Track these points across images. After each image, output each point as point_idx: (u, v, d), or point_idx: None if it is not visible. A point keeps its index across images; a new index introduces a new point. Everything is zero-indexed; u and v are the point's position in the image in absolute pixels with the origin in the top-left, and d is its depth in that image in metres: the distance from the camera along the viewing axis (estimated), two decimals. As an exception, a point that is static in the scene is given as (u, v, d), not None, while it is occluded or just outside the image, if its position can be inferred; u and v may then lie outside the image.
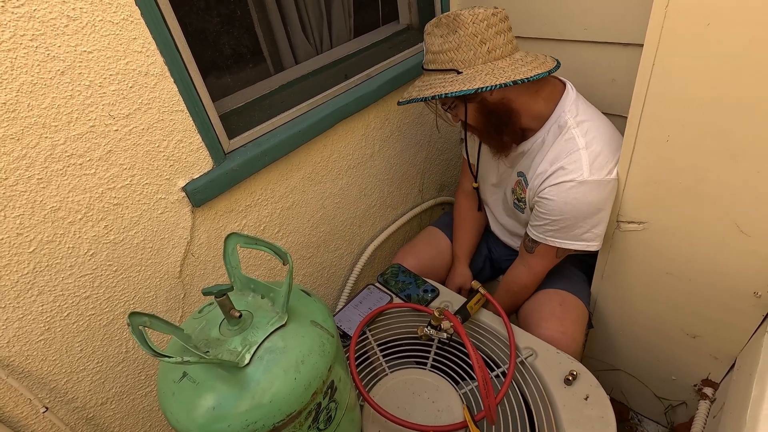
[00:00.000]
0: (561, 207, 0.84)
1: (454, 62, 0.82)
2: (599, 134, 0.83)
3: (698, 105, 0.69)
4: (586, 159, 0.81)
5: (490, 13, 0.80)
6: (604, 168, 0.82)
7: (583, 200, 0.82)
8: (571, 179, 0.81)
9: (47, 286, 0.69)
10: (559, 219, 0.85)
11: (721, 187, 0.74)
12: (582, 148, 0.81)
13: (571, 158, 0.82)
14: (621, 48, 0.95)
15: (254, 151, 0.86)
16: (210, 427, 0.50)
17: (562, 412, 0.76)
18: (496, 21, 0.81)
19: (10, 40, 0.55)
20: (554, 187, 0.84)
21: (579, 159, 0.81)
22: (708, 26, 0.63)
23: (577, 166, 0.81)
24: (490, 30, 0.80)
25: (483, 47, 0.80)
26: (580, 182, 0.81)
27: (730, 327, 0.89)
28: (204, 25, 0.89)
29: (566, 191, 0.82)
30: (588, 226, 0.86)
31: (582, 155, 0.81)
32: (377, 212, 1.26)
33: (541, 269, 0.97)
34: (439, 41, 0.82)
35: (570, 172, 0.81)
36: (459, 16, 0.80)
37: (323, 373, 0.55)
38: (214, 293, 0.51)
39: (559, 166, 0.83)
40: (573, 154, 0.82)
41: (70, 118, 0.63)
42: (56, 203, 0.66)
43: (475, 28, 0.79)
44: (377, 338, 0.92)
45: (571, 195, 0.82)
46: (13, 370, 0.69)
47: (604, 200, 0.84)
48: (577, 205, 0.83)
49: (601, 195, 0.83)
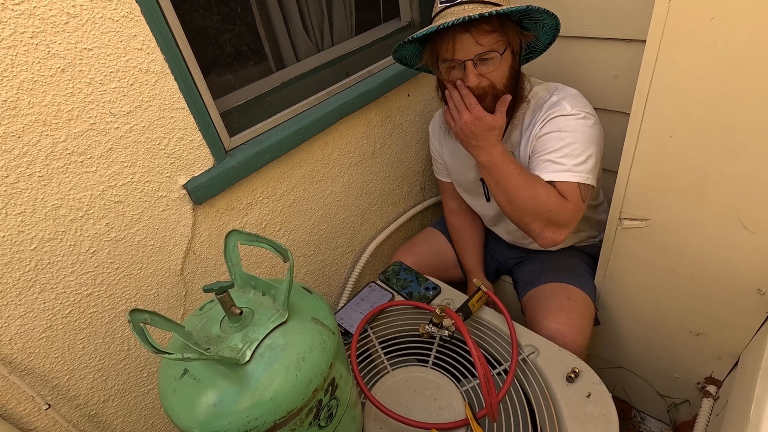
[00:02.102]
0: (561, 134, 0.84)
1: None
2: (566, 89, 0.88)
3: (702, 101, 0.69)
4: (567, 103, 0.85)
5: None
6: (587, 107, 0.85)
7: (577, 130, 0.83)
8: (560, 113, 0.84)
9: (49, 283, 0.69)
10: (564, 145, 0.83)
11: (724, 183, 0.74)
12: (561, 99, 0.85)
13: (553, 103, 0.86)
14: (623, 44, 0.94)
15: (255, 149, 0.86)
16: (211, 423, 0.50)
17: (564, 410, 0.76)
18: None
19: (10, 38, 0.55)
20: (548, 123, 0.86)
21: (560, 103, 0.85)
22: (711, 21, 0.62)
23: (561, 107, 0.85)
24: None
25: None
26: (568, 114, 0.84)
27: (733, 324, 0.88)
28: (205, 23, 0.89)
29: (559, 120, 0.84)
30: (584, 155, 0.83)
31: (562, 101, 0.85)
32: (379, 210, 1.26)
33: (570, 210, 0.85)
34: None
35: (556, 111, 0.85)
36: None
37: (324, 370, 0.54)
38: (214, 290, 0.51)
39: (544, 114, 0.86)
40: (554, 106, 0.86)
41: (70, 116, 0.63)
42: (57, 201, 0.66)
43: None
44: (379, 336, 0.92)
45: (565, 123, 0.84)
46: (15, 368, 0.69)
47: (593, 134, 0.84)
48: (574, 128, 0.83)
49: (589, 123, 0.84)
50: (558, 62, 1.07)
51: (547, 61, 1.08)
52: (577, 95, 0.87)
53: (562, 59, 1.06)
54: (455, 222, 1.17)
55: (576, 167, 0.82)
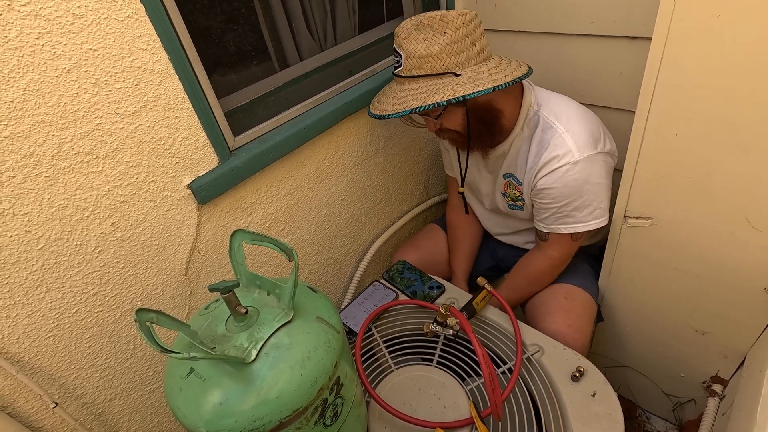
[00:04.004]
0: (562, 191, 0.84)
1: (447, 65, 0.79)
2: (572, 115, 0.85)
3: (708, 98, 0.68)
4: (570, 141, 0.82)
5: (474, 14, 0.80)
6: (590, 144, 0.82)
7: (582, 179, 0.83)
8: (564, 163, 0.82)
9: (56, 283, 0.70)
10: (564, 204, 0.85)
11: (731, 181, 0.73)
12: (563, 133, 0.82)
13: (556, 144, 0.83)
14: (628, 41, 0.94)
15: (259, 148, 0.86)
16: (217, 422, 0.50)
17: (569, 409, 0.76)
18: (478, 22, 0.81)
19: (16, 39, 0.56)
20: (550, 176, 0.84)
21: (563, 143, 0.82)
22: (718, 18, 0.62)
23: (565, 151, 0.82)
24: (477, 30, 0.80)
25: (474, 48, 0.80)
26: (573, 163, 0.81)
27: (739, 323, 0.88)
28: (209, 23, 0.89)
29: (563, 175, 0.83)
30: (594, 202, 0.86)
31: (566, 139, 0.82)
32: (382, 209, 1.26)
33: (558, 256, 0.95)
34: (423, 45, 0.79)
35: (561, 157, 0.82)
36: (445, 16, 0.78)
37: (329, 369, 0.55)
38: (220, 290, 0.51)
39: (549, 156, 0.83)
40: (555, 140, 0.83)
41: (76, 116, 0.63)
42: (64, 201, 0.66)
43: (465, 29, 0.78)
44: (383, 335, 0.92)
45: (570, 177, 0.82)
46: (23, 366, 0.70)
47: (600, 173, 0.84)
48: (578, 185, 0.83)
49: (596, 169, 0.83)
50: (562, 60, 1.06)
51: (551, 60, 1.08)
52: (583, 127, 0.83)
53: (566, 57, 1.05)
54: (454, 221, 1.17)
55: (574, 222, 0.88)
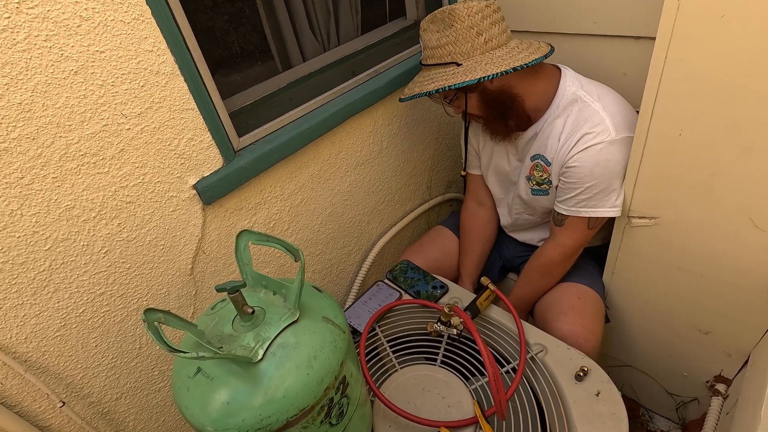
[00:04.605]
0: (593, 170, 0.83)
1: (453, 55, 0.85)
2: (610, 98, 0.85)
3: (712, 98, 0.68)
4: (609, 120, 0.81)
5: (483, 5, 0.83)
6: (626, 126, 0.82)
7: (614, 159, 0.83)
8: (600, 141, 0.81)
9: (63, 283, 0.70)
10: (592, 185, 0.85)
11: (734, 181, 0.73)
12: (601, 110, 0.82)
13: (594, 121, 0.82)
14: (632, 41, 0.94)
15: (263, 149, 0.86)
16: (224, 421, 0.50)
17: (572, 408, 0.76)
18: (489, 12, 0.84)
19: (24, 41, 0.56)
20: (583, 153, 0.83)
21: (602, 121, 0.81)
22: (722, 18, 0.62)
23: (603, 128, 0.81)
24: (485, 21, 0.83)
25: (480, 38, 0.83)
26: (610, 142, 0.81)
27: (743, 323, 0.88)
28: (213, 24, 0.90)
29: (596, 154, 0.82)
30: (619, 187, 0.86)
31: (604, 117, 0.82)
32: (386, 209, 1.27)
33: (572, 243, 0.93)
34: (436, 36, 0.86)
35: (597, 134, 0.82)
36: (454, 10, 0.82)
37: (335, 368, 0.55)
38: (227, 289, 0.51)
39: (584, 132, 0.83)
40: (594, 118, 0.82)
41: (83, 118, 0.64)
42: (71, 202, 0.67)
43: (470, 20, 0.82)
44: (387, 334, 0.93)
45: (603, 156, 0.82)
46: (30, 366, 0.70)
47: (628, 158, 0.84)
48: (609, 165, 0.83)
49: (627, 152, 0.83)
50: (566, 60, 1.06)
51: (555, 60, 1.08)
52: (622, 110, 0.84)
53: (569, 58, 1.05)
54: (467, 222, 1.17)
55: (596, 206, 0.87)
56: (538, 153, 0.93)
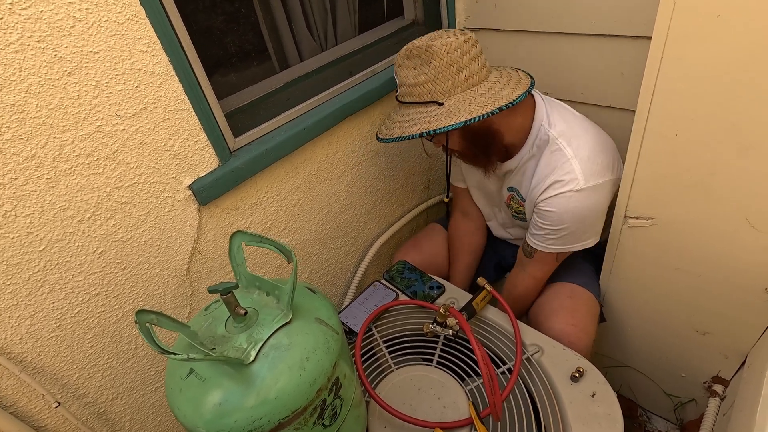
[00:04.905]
0: (562, 217, 0.85)
1: (433, 94, 0.80)
2: (583, 139, 0.83)
3: (708, 98, 0.68)
4: (578, 167, 0.81)
5: (462, 41, 0.78)
6: (597, 172, 0.82)
7: (584, 206, 0.83)
8: (568, 189, 0.82)
9: (58, 283, 0.70)
10: (561, 228, 0.86)
11: (731, 181, 0.73)
12: (571, 158, 0.82)
13: (563, 169, 0.82)
14: (629, 41, 0.93)
15: (259, 149, 0.86)
16: (216, 422, 0.50)
17: (568, 409, 0.76)
18: (468, 48, 0.79)
19: (17, 42, 0.56)
20: (552, 199, 0.84)
21: (571, 169, 0.82)
22: (718, 17, 0.62)
23: (572, 177, 0.82)
24: (464, 57, 0.78)
25: (460, 75, 0.79)
26: (578, 191, 0.82)
27: (740, 323, 0.87)
28: (209, 24, 0.90)
29: (566, 201, 0.83)
30: (591, 230, 0.88)
31: (574, 166, 0.82)
32: (383, 209, 1.26)
33: (541, 275, 0.97)
34: (413, 73, 0.81)
35: (566, 183, 0.82)
36: (431, 47, 0.78)
37: (328, 369, 0.55)
38: (219, 291, 0.51)
39: (554, 179, 0.84)
40: (564, 165, 0.82)
41: (77, 119, 0.64)
42: (65, 202, 0.67)
43: (449, 57, 0.78)
44: (383, 335, 0.93)
45: (572, 204, 0.83)
46: (26, 366, 0.71)
47: (603, 201, 0.85)
48: (578, 212, 0.84)
49: (599, 198, 0.84)
50: (563, 60, 1.06)
51: (552, 59, 1.07)
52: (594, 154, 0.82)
53: (566, 57, 1.05)
54: (454, 234, 1.16)
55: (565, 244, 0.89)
56: (513, 186, 0.95)
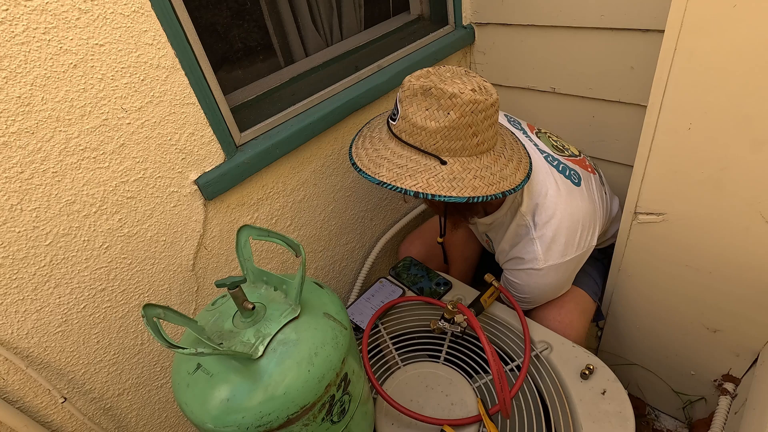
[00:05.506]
0: (524, 288, 0.89)
1: (438, 148, 0.71)
2: (555, 217, 0.81)
3: (722, 91, 0.67)
4: (539, 247, 0.82)
5: (489, 103, 0.70)
6: (559, 252, 0.82)
7: (544, 282, 0.86)
8: (528, 267, 0.85)
9: (64, 278, 0.70)
10: (525, 295, 0.91)
11: (745, 176, 0.72)
12: (535, 238, 0.83)
13: (525, 248, 0.84)
14: (640, 34, 0.92)
15: (265, 144, 0.85)
16: (224, 418, 0.50)
17: (578, 407, 0.75)
18: (492, 112, 0.71)
19: (23, 34, 0.55)
20: (515, 271, 0.88)
21: (533, 249, 0.83)
22: (734, 8, 0.60)
23: (532, 257, 0.83)
24: (485, 122, 0.70)
25: (473, 140, 0.71)
26: (537, 270, 0.84)
27: (753, 321, 0.86)
28: (215, 18, 0.89)
29: (527, 276, 0.86)
30: (557, 293, 0.93)
31: (535, 245, 0.83)
32: (389, 205, 1.26)
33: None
34: (423, 115, 0.70)
35: (526, 261, 0.84)
36: (455, 96, 0.67)
37: (337, 365, 0.54)
38: (227, 285, 0.51)
39: (515, 255, 0.86)
40: (526, 244, 0.84)
41: (83, 112, 0.63)
42: (71, 196, 0.66)
43: (472, 118, 0.69)
44: (390, 331, 0.92)
45: (532, 279, 0.86)
46: (32, 361, 0.70)
47: (566, 276, 0.88)
48: (539, 286, 0.87)
49: (560, 275, 0.86)
50: (572, 54, 1.05)
51: (561, 54, 1.06)
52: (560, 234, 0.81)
53: (575, 51, 1.04)
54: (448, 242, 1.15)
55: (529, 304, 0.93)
56: (489, 235, 0.97)
